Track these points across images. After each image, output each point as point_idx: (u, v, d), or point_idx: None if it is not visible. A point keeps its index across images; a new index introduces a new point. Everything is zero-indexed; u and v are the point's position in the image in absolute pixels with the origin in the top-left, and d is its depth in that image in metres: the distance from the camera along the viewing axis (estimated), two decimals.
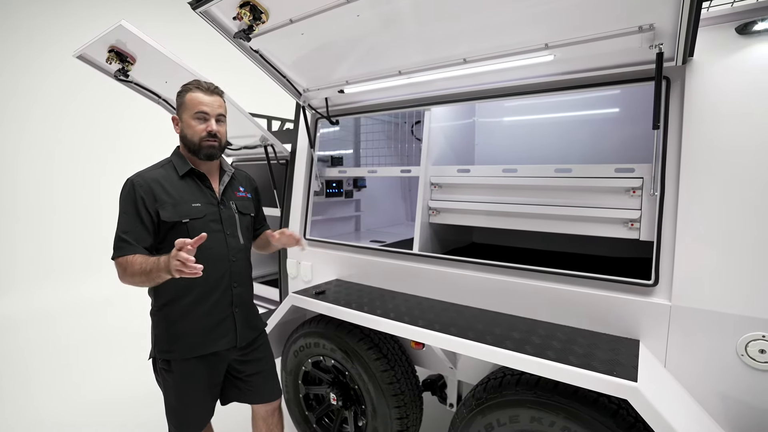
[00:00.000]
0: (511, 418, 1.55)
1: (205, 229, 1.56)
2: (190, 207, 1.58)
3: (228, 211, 1.70)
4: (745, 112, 1.36)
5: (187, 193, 1.60)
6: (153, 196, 1.52)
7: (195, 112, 1.58)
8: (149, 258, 1.44)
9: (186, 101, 1.60)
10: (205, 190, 1.65)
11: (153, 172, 1.59)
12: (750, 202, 1.35)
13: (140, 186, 1.52)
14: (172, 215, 1.53)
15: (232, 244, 1.68)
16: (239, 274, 1.72)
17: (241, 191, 1.80)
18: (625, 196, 1.74)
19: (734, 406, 1.39)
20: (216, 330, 1.65)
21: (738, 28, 1.38)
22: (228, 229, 1.67)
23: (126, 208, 1.51)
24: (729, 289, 1.37)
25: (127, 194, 1.52)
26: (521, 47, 1.67)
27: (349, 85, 2.24)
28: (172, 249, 1.42)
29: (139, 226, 1.50)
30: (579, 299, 1.68)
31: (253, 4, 1.70)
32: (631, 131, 2.54)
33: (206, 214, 1.61)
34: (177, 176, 1.60)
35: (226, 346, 1.68)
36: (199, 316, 1.61)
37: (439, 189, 2.33)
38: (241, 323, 1.72)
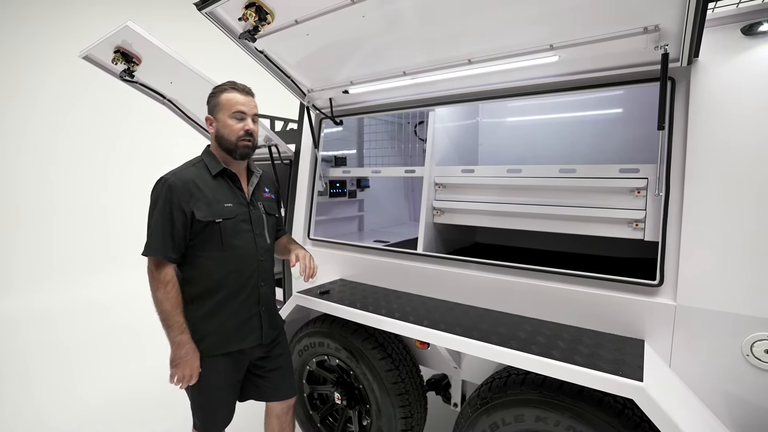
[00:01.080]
0: (516, 417, 1.56)
1: (236, 229, 1.64)
2: (223, 207, 1.61)
3: (257, 212, 1.73)
4: (750, 112, 1.37)
5: (220, 193, 1.63)
6: (189, 196, 1.55)
7: (233, 111, 1.61)
8: (179, 312, 1.54)
9: (222, 101, 1.62)
10: (236, 191, 1.68)
11: (187, 172, 1.61)
12: (755, 202, 1.35)
13: (176, 186, 1.54)
14: (206, 215, 1.56)
15: (261, 244, 1.72)
16: (266, 273, 1.76)
17: (266, 192, 1.84)
18: (630, 196, 1.74)
19: (739, 406, 1.39)
20: (243, 328, 1.68)
21: (743, 28, 1.38)
22: (257, 230, 1.71)
23: (161, 209, 1.53)
24: (734, 289, 1.38)
25: (163, 194, 1.54)
26: (526, 48, 1.67)
27: (354, 85, 2.25)
28: (201, 246, 1.59)
29: (174, 224, 1.53)
30: (584, 299, 1.69)
31: (259, 4, 1.71)
32: (634, 132, 2.54)
33: (237, 215, 1.65)
34: (210, 176, 1.63)
35: (252, 344, 1.71)
36: (227, 315, 1.64)
37: (443, 189, 2.34)
38: (266, 321, 1.76)
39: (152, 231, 1.53)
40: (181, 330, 1.54)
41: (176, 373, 1.56)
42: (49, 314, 5.07)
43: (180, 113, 2.71)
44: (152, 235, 1.53)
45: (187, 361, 1.55)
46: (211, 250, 1.60)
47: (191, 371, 1.57)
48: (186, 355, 1.55)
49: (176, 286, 1.56)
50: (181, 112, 2.70)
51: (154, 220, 1.54)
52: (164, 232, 1.52)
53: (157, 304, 1.54)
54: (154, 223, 1.53)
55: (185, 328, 1.55)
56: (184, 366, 1.55)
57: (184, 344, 1.55)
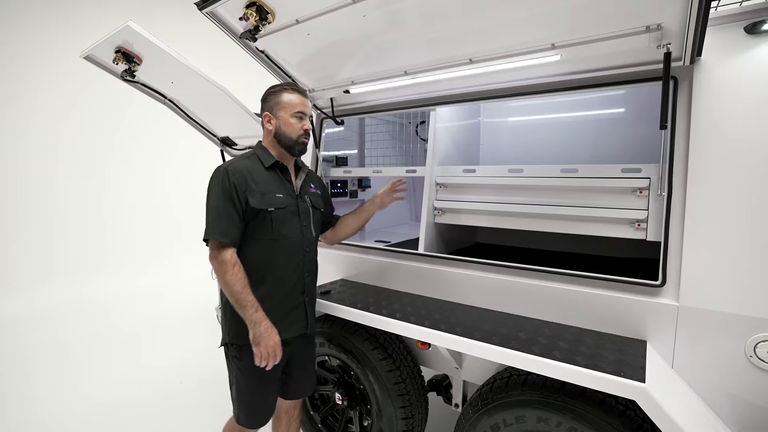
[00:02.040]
0: (518, 418, 1.55)
1: (285, 219, 1.72)
2: (275, 197, 1.69)
3: (304, 205, 1.81)
4: (753, 112, 1.36)
5: (272, 184, 1.71)
6: (244, 184, 1.62)
7: (295, 111, 1.72)
8: (249, 291, 1.58)
9: (284, 101, 1.72)
10: (286, 183, 1.77)
11: (242, 162, 1.69)
12: (759, 202, 1.34)
13: (233, 174, 1.62)
14: (260, 203, 1.63)
15: (307, 235, 1.79)
16: (311, 264, 1.84)
17: (312, 187, 1.92)
18: (632, 196, 1.73)
19: (742, 407, 1.38)
20: (289, 316, 1.75)
21: (746, 27, 1.37)
22: (304, 221, 1.79)
23: (219, 195, 1.60)
24: (737, 290, 1.37)
25: (221, 181, 1.61)
26: (528, 47, 1.67)
27: (355, 85, 2.24)
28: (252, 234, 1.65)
29: (231, 210, 1.59)
30: (586, 300, 1.68)
31: (260, 4, 1.71)
32: (636, 131, 2.54)
33: (287, 205, 1.72)
34: (263, 168, 1.71)
35: (297, 333, 1.77)
36: (275, 303, 1.69)
37: (445, 189, 2.33)
38: (311, 311, 1.83)
39: (213, 216, 1.59)
40: (255, 308, 1.58)
41: (260, 351, 1.58)
42: (50, 314, 5.07)
43: (181, 113, 2.71)
44: (214, 219, 1.59)
45: (268, 336, 1.58)
46: (261, 238, 1.67)
47: (273, 346, 1.60)
48: (265, 331, 1.58)
49: (241, 267, 1.59)
50: (182, 112, 2.70)
51: (213, 206, 1.60)
52: (226, 216, 1.58)
53: (227, 286, 1.57)
54: (215, 209, 1.60)
55: (258, 305, 1.59)
56: (266, 343, 1.58)
57: (261, 321, 1.58)
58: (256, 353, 1.59)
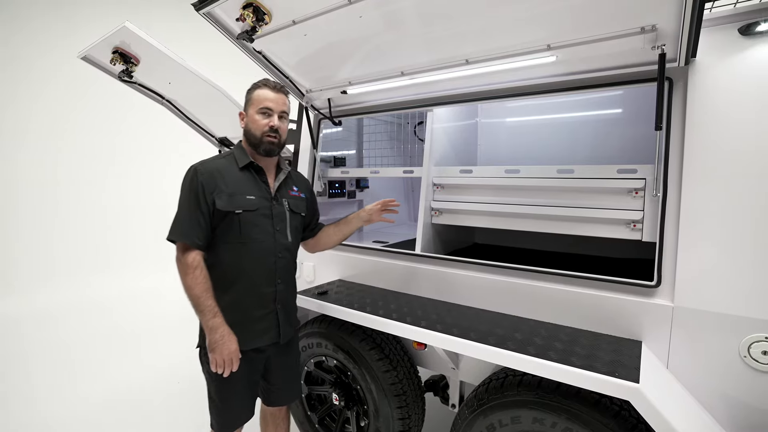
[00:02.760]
0: (513, 419, 1.55)
1: (255, 222, 1.64)
2: (245, 199, 1.63)
3: (280, 208, 1.73)
4: (747, 113, 1.36)
5: (244, 185, 1.65)
6: (213, 184, 1.58)
7: (260, 107, 1.65)
8: (209, 296, 1.54)
9: (253, 97, 1.67)
10: (260, 184, 1.70)
11: (215, 162, 1.65)
12: (753, 203, 1.34)
13: (201, 174, 1.58)
14: (226, 205, 1.58)
15: (280, 241, 1.72)
16: (284, 271, 1.75)
17: (294, 190, 1.84)
18: (628, 197, 1.73)
19: (736, 408, 1.38)
20: (259, 324, 1.69)
21: (741, 29, 1.37)
22: (278, 226, 1.71)
23: (187, 196, 1.57)
24: (732, 291, 1.37)
25: (190, 181, 1.58)
26: (523, 48, 1.67)
27: (352, 85, 2.25)
28: (221, 237, 1.60)
29: (197, 212, 1.56)
30: (582, 300, 1.68)
31: (256, 5, 1.71)
32: (635, 131, 2.54)
33: (259, 208, 1.65)
34: (236, 168, 1.66)
35: (269, 342, 1.71)
36: (243, 309, 1.65)
37: (442, 190, 2.33)
38: (283, 320, 1.75)
39: (178, 216, 1.57)
40: (213, 314, 1.53)
41: (215, 358, 1.55)
42: (51, 314, 5.08)
43: (179, 113, 2.72)
44: (178, 220, 1.56)
45: (223, 344, 1.54)
46: (229, 241, 1.62)
47: (229, 354, 1.56)
48: (221, 338, 1.54)
49: (204, 270, 1.55)
50: (179, 113, 2.71)
51: (180, 206, 1.58)
52: (191, 217, 1.55)
53: (187, 289, 1.54)
54: (180, 209, 1.57)
55: (217, 311, 1.55)
56: (221, 350, 1.54)
57: (218, 327, 1.54)
58: (211, 360, 1.55)
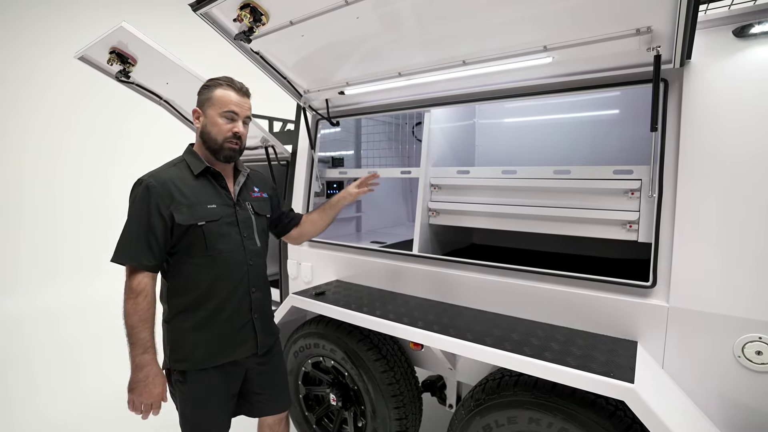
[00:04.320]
0: (509, 419, 1.56)
1: (221, 232, 1.52)
2: (206, 209, 1.50)
3: (244, 213, 1.62)
4: (742, 114, 1.37)
5: (202, 194, 1.51)
6: (169, 198, 1.43)
7: (224, 110, 1.51)
8: (146, 327, 1.40)
9: (215, 97, 1.52)
10: (220, 191, 1.57)
11: (167, 172, 1.50)
12: (747, 203, 1.35)
13: (154, 188, 1.42)
14: (187, 218, 1.45)
15: (249, 247, 1.61)
16: (257, 278, 1.64)
17: (256, 191, 1.73)
18: (624, 197, 1.74)
19: (731, 407, 1.39)
20: (236, 337, 1.58)
21: (735, 31, 1.38)
22: (245, 232, 1.60)
23: (137, 212, 1.42)
24: (726, 291, 1.38)
25: (140, 197, 1.42)
26: (520, 49, 1.67)
27: (349, 86, 2.25)
28: (186, 252, 1.48)
29: (147, 231, 1.41)
30: (578, 301, 1.69)
31: (254, 6, 1.71)
32: (633, 132, 2.54)
33: (222, 216, 1.53)
34: (191, 176, 1.52)
35: (247, 354, 1.61)
36: (218, 324, 1.53)
37: (439, 190, 2.34)
38: (261, 329, 1.64)
39: (125, 236, 1.42)
40: (144, 348, 1.38)
41: (133, 399, 1.40)
42: (53, 314, 5.08)
43: (176, 114, 2.72)
44: (124, 240, 1.41)
45: (146, 385, 1.39)
46: (195, 256, 1.49)
47: (151, 398, 1.41)
48: (146, 378, 1.39)
49: (149, 298, 1.41)
50: (177, 113, 2.71)
51: (127, 224, 1.43)
52: (139, 237, 1.40)
53: (125, 316, 1.39)
54: (128, 228, 1.42)
55: (149, 347, 1.40)
56: (141, 392, 1.39)
57: (145, 366, 1.39)
58: (129, 400, 1.41)
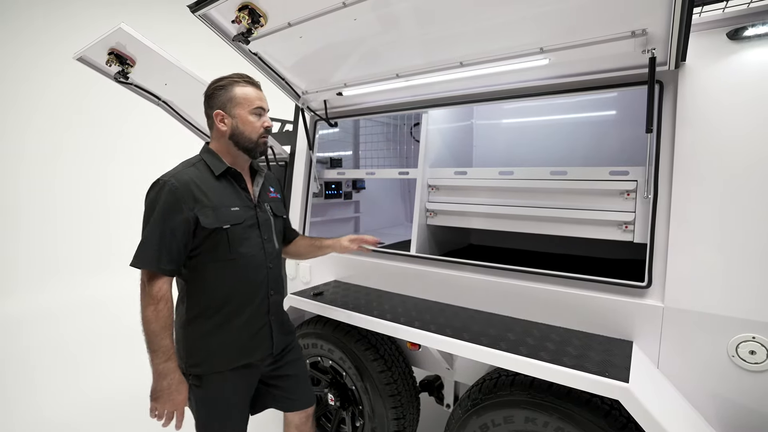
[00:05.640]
0: (506, 418, 1.57)
1: (244, 236, 1.49)
2: (230, 211, 1.46)
3: (264, 215, 1.59)
4: (736, 115, 1.38)
5: (225, 196, 1.47)
6: (192, 200, 1.38)
7: (253, 107, 1.50)
8: (167, 335, 1.36)
9: (238, 96, 1.49)
10: (240, 192, 1.54)
11: (187, 173, 1.43)
12: (741, 204, 1.36)
13: (177, 189, 1.37)
14: (212, 221, 1.41)
15: (269, 250, 1.59)
16: (276, 280, 1.62)
17: (272, 192, 1.71)
18: (620, 198, 1.75)
19: (725, 406, 1.40)
20: (253, 340, 1.55)
21: (729, 33, 1.39)
22: (265, 234, 1.57)
23: (158, 215, 1.36)
24: (720, 291, 1.39)
25: (162, 199, 1.36)
26: (516, 51, 1.68)
27: (347, 87, 2.26)
28: (207, 255, 1.44)
29: (169, 235, 1.36)
30: (574, 301, 1.70)
31: (252, 7, 1.72)
32: (631, 133, 2.54)
33: (245, 219, 1.50)
34: (212, 176, 1.47)
35: (262, 355, 1.59)
36: (236, 327, 1.50)
37: (437, 191, 2.35)
38: (277, 330, 1.63)
39: (145, 240, 1.37)
40: (167, 356, 1.35)
41: (156, 407, 1.36)
42: (53, 314, 5.08)
43: (175, 114, 2.73)
44: (145, 244, 1.36)
45: (170, 393, 1.36)
46: (217, 260, 1.45)
47: (174, 406, 1.38)
48: (169, 387, 1.36)
49: (169, 303, 1.38)
50: (176, 114, 2.72)
51: (149, 228, 1.37)
52: (160, 241, 1.35)
53: (145, 323, 1.35)
54: (149, 231, 1.36)
55: (172, 354, 1.37)
56: (165, 400, 1.36)
57: (168, 373, 1.35)
58: (151, 408, 1.36)
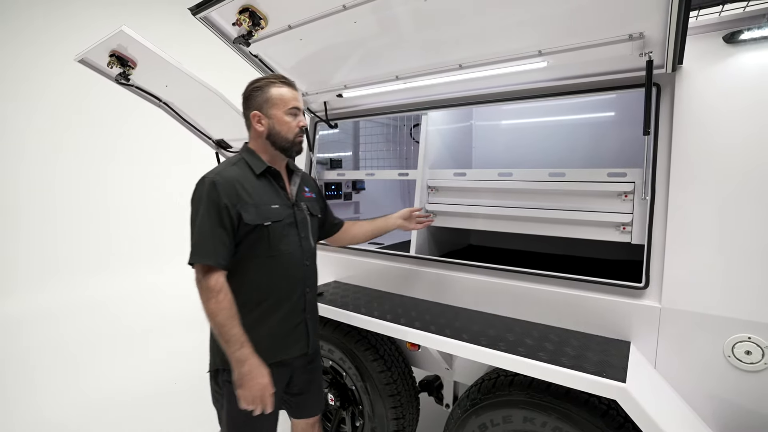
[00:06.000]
0: (505, 418, 1.58)
1: (283, 233, 1.54)
2: (270, 209, 1.52)
3: (302, 213, 1.64)
4: (732, 118, 1.39)
5: (265, 194, 1.53)
6: (236, 196, 1.44)
7: (288, 108, 1.55)
8: (235, 323, 1.38)
9: (274, 97, 1.54)
10: (280, 191, 1.60)
11: (230, 170, 1.50)
12: (737, 206, 1.38)
13: (222, 186, 1.43)
14: (255, 218, 1.46)
15: (306, 248, 1.64)
16: (311, 279, 1.68)
17: (307, 191, 1.75)
18: (618, 200, 1.76)
19: (721, 406, 1.41)
20: (289, 337, 1.59)
21: (725, 37, 1.40)
22: (302, 232, 1.62)
23: (207, 210, 1.41)
24: (717, 292, 1.40)
25: (207, 194, 1.42)
26: (515, 53, 1.70)
27: (348, 89, 2.27)
28: (247, 251, 1.47)
29: (220, 229, 1.41)
30: (573, 301, 1.71)
31: (252, 10, 1.73)
32: (630, 134, 2.56)
33: (284, 217, 1.56)
34: (253, 175, 1.53)
35: (298, 353, 1.61)
36: (274, 323, 1.54)
37: (436, 192, 2.36)
38: (312, 329, 1.67)
39: (199, 235, 1.41)
40: (241, 343, 1.37)
41: (243, 395, 1.38)
42: (53, 314, 5.09)
43: (176, 116, 2.73)
44: (201, 239, 1.40)
45: (252, 378, 1.38)
46: (257, 256, 1.50)
47: (261, 390, 1.39)
48: (250, 372, 1.37)
49: (229, 294, 1.40)
50: (177, 115, 2.72)
51: (199, 224, 1.41)
52: (213, 235, 1.39)
53: (210, 316, 1.38)
54: (201, 227, 1.41)
55: (245, 340, 1.38)
56: (249, 385, 1.37)
57: (245, 359, 1.37)
58: (240, 396, 1.38)
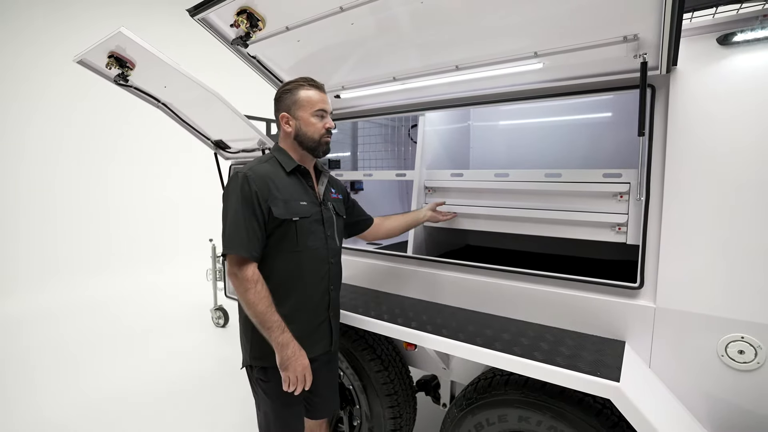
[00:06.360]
0: (500, 417, 1.59)
1: (310, 229, 1.59)
2: (299, 205, 1.57)
3: (328, 212, 1.69)
4: (725, 119, 1.40)
5: (294, 191, 1.58)
6: (267, 191, 1.49)
7: (315, 110, 1.59)
8: (273, 310, 1.45)
9: (302, 98, 1.58)
10: (308, 189, 1.64)
11: (262, 167, 1.56)
12: (731, 206, 1.39)
13: (254, 180, 1.48)
14: (283, 212, 1.51)
15: (332, 246, 1.68)
16: (336, 277, 1.72)
17: (333, 192, 1.80)
18: (613, 200, 1.77)
19: (715, 405, 1.42)
20: (314, 334, 1.63)
21: (719, 38, 1.41)
22: (328, 231, 1.67)
23: (241, 203, 1.46)
24: (710, 292, 1.41)
25: (242, 188, 1.47)
26: (511, 55, 1.71)
27: (345, 90, 2.28)
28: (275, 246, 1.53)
29: (253, 222, 1.46)
30: (568, 301, 1.72)
31: (250, 12, 1.74)
32: (627, 135, 2.57)
33: (312, 214, 1.60)
34: (283, 173, 1.59)
35: (322, 351, 1.67)
36: (300, 320, 1.58)
37: (433, 192, 2.37)
38: (335, 327, 1.72)
39: (233, 227, 1.46)
40: (281, 329, 1.46)
41: (287, 376, 1.48)
42: (53, 314, 5.11)
43: (174, 117, 2.74)
44: (235, 231, 1.45)
45: (296, 359, 1.48)
46: (284, 251, 1.55)
47: (303, 370, 1.49)
48: (293, 355, 1.47)
49: (264, 284, 1.47)
50: (175, 116, 2.73)
51: (232, 215, 1.46)
52: (247, 227, 1.45)
53: (250, 306, 1.44)
54: (234, 219, 1.46)
55: (284, 326, 1.47)
56: (293, 366, 1.47)
57: (288, 343, 1.47)
58: (284, 378, 1.48)
